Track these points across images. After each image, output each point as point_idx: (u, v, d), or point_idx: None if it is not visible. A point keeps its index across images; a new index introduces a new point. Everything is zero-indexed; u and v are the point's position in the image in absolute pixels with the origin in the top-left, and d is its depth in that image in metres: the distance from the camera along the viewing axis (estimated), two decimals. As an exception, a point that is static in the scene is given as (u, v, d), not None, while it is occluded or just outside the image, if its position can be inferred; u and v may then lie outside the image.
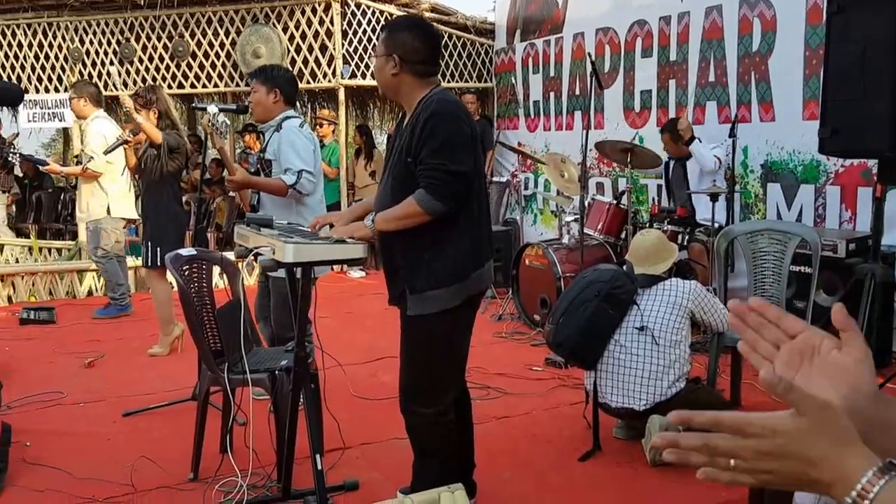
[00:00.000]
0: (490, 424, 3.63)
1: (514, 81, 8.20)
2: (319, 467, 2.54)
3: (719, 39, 5.67)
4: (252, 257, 2.67)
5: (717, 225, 4.78)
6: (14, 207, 10.24)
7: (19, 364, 4.74)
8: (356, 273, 7.97)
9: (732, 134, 5.03)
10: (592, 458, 3.25)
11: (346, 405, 3.73)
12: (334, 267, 7.73)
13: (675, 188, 5.63)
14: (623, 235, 5.40)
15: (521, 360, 4.76)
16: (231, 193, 8.72)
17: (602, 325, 3.25)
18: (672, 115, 6.01)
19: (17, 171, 10.57)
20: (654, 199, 5.62)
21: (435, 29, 2.74)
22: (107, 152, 5.17)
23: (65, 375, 4.53)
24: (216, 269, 3.65)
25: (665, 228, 5.10)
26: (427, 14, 8.08)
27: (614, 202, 5.53)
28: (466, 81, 8.51)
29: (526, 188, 8.01)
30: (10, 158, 8.63)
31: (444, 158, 2.40)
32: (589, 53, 5.86)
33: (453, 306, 2.48)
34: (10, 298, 6.77)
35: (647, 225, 5.28)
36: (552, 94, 7.61)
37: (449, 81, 8.24)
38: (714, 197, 4.84)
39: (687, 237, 5.17)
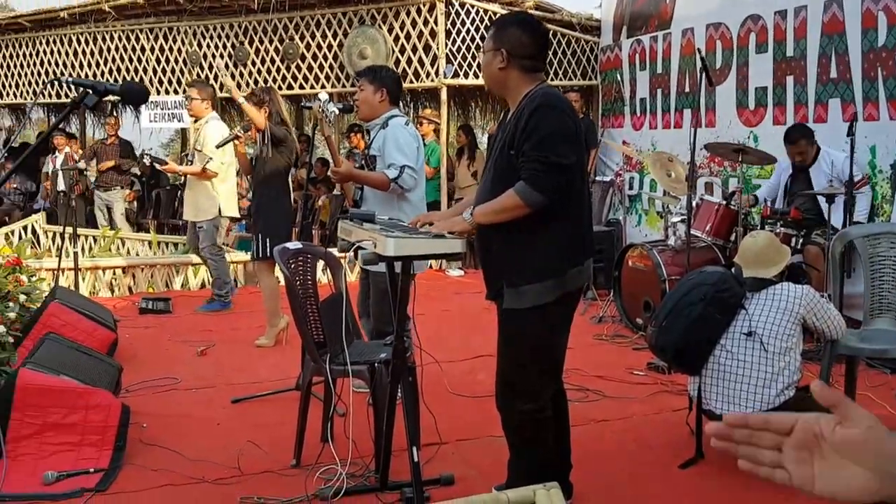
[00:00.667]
0: (588, 427, 3.62)
1: (619, 79, 8.08)
2: (416, 459, 2.61)
3: (840, 34, 5.40)
4: (353, 251, 2.77)
5: (834, 228, 4.57)
6: (135, 204, 10.93)
7: (137, 350, 5.08)
8: (455, 271, 8.07)
9: (851, 132, 4.78)
10: (694, 466, 3.18)
11: (443, 402, 3.80)
12: (433, 264, 7.88)
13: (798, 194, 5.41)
14: (732, 238, 5.23)
15: (622, 363, 4.71)
16: (335, 192, 9.04)
17: (708, 329, 3.17)
18: (790, 112, 5.78)
19: (135, 170, 11.27)
20: (765, 201, 5.41)
21: (543, 25, 2.77)
22: (219, 146, 5.46)
23: (179, 362, 4.82)
24: (320, 265, 3.81)
25: (777, 231, 4.91)
26: (532, 12, 8.08)
27: (724, 202, 5.37)
28: (570, 79, 8.45)
29: (630, 188, 7.87)
30: (144, 160, 9.27)
31: (547, 150, 2.42)
32: (699, 49, 5.71)
33: (548, 302, 2.50)
34: (130, 289, 7.27)
35: (759, 227, 5.10)
36: (659, 92, 7.45)
37: (553, 79, 8.20)
38: (830, 199, 4.62)
39: (801, 240, 4.96)
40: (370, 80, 3.91)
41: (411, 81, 8.19)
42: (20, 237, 9.44)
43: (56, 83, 9.52)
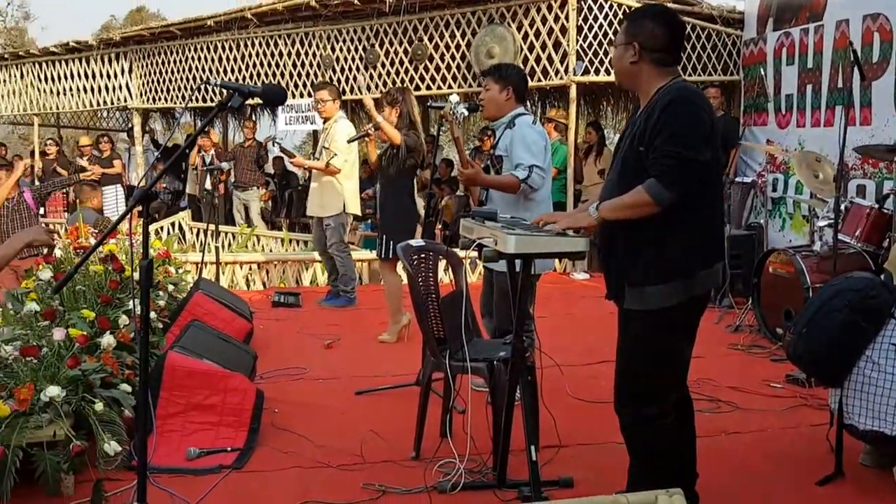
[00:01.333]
0: (718, 438, 3.52)
1: (763, 74, 7.74)
2: (534, 458, 2.65)
3: None
4: (475, 249, 2.84)
5: None
6: (269, 203, 11.59)
7: (270, 341, 5.41)
8: (580, 275, 8.00)
9: None
10: (832, 484, 3.03)
11: (564, 405, 3.81)
12: (557, 267, 7.85)
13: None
14: (885, 244, 4.91)
15: (758, 375, 4.53)
16: (459, 192, 9.19)
17: (852, 337, 3.01)
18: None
19: (269, 168, 11.93)
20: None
21: (679, 18, 2.70)
22: (350, 141, 5.72)
23: (307, 354, 5.09)
24: (441, 264, 3.92)
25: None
26: (670, 5, 7.90)
27: (876, 206, 5.05)
28: (710, 75, 8.19)
29: (774, 190, 7.53)
30: (272, 146, 9.88)
31: (679, 145, 2.36)
32: (851, 42, 5.40)
33: (673, 304, 2.45)
34: (264, 283, 7.74)
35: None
36: (809, 88, 7.08)
37: (691, 75, 7.99)
38: None
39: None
40: (496, 79, 3.96)
41: (539, 80, 8.21)
42: (168, 233, 10.23)
43: (204, 86, 10.24)
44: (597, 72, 8.06)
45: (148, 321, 2.58)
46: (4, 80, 13.16)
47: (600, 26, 7.95)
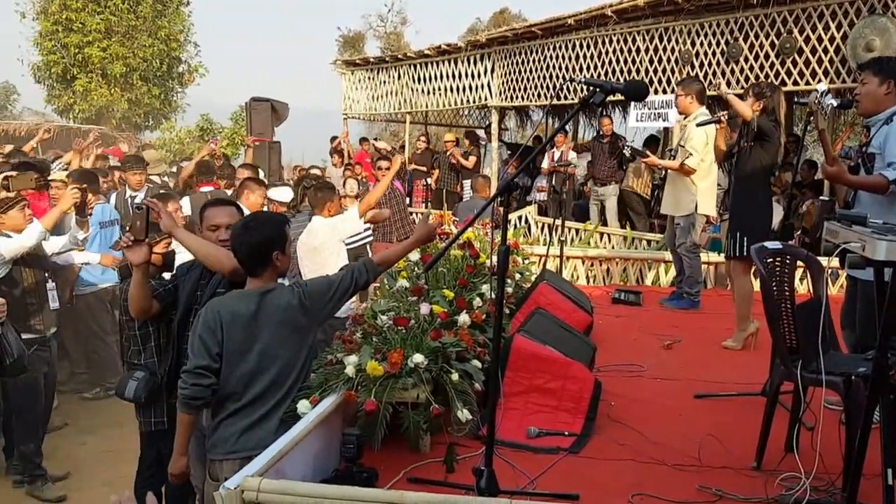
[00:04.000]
0: None
1: None
2: (889, 482, 2.50)
3: None
4: (838, 255, 2.74)
5: None
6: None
7: (609, 336, 5.62)
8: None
9: None
10: None
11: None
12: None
13: None
14: None
15: None
16: (823, 196, 8.51)
17: None
18: None
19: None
20: None
21: None
22: (700, 125, 5.70)
23: (645, 352, 5.21)
24: (797, 272, 3.77)
25: None
26: None
27: None
28: None
29: None
30: (624, 151, 10.12)
31: None
32: None
33: None
34: (604, 279, 7.99)
35: None
36: None
37: None
38: None
39: None
40: (875, 72, 3.73)
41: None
42: (515, 226, 11.01)
43: (561, 85, 10.81)
44: None
45: (502, 301, 2.92)
46: (384, 81, 15.15)
47: None
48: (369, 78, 15.54)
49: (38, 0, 23.61)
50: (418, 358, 3.38)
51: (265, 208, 6.44)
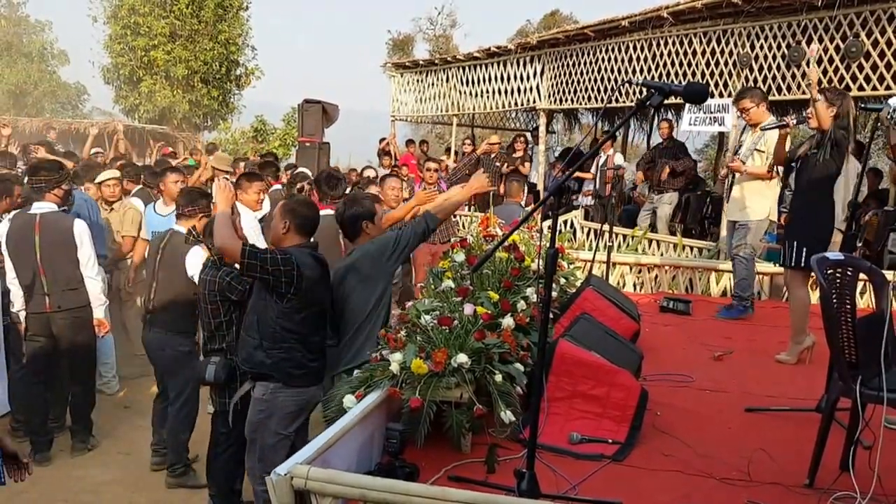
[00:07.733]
0: None
1: None
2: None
3: None
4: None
5: None
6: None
7: (656, 344, 5.54)
8: None
9: None
10: None
11: None
12: None
13: None
14: None
15: None
16: (888, 207, 8.30)
17: None
18: None
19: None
20: None
21: None
22: (764, 129, 5.60)
23: (694, 363, 5.13)
24: (859, 285, 3.66)
25: None
26: None
27: None
28: None
29: None
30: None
31: None
32: None
33: None
34: (652, 287, 7.87)
35: None
36: None
37: None
38: None
39: None
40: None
41: None
42: (560, 230, 10.94)
43: (615, 88, 10.71)
44: None
45: (549, 304, 2.89)
46: (432, 84, 15.21)
47: None
48: (417, 80, 15.62)
49: (109, 5, 24.77)
50: (462, 358, 3.41)
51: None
